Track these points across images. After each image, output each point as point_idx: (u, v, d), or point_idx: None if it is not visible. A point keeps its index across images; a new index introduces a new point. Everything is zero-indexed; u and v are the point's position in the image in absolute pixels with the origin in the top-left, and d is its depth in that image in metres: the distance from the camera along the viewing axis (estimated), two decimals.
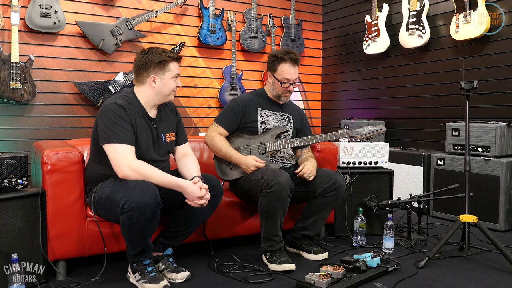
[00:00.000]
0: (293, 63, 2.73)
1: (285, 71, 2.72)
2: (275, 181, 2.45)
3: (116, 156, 2.18)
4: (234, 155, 2.68)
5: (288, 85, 2.75)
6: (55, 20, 3.88)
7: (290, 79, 2.73)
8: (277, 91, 2.80)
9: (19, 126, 3.90)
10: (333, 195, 2.69)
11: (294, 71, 2.74)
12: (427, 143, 4.37)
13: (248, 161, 2.63)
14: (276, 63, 2.74)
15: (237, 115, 2.76)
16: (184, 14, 4.64)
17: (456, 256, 2.78)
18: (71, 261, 2.45)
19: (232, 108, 2.78)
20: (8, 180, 2.15)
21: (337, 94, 5.41)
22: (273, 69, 2.76)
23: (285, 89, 2.76)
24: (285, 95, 2.81)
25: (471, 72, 3.95)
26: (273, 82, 2.79)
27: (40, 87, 3.94)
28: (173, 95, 2.41)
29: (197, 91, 4.78)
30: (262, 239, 2.57)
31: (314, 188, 2.70)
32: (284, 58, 2.72)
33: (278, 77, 2.74)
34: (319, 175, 2.72)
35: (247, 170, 2.64)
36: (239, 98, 2.84)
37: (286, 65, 2.72)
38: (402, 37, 4.36)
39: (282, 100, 2.84)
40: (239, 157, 2.67)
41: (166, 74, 2.32)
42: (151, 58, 2.31)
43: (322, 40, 5.61)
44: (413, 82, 4.49)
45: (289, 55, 2.72)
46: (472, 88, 2.71)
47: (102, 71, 4.22)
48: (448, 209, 3.68)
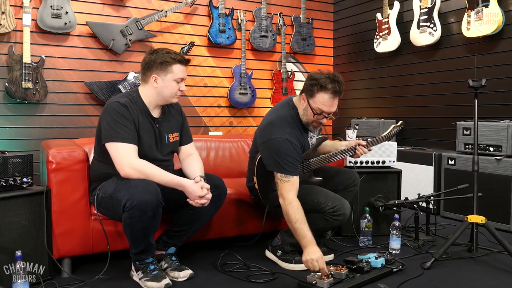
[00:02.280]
0: (334, 95, 2.39)
1: (323, 102, 2.38)
2: (343, 211, 2.49)
3: (118, 155, 2.20)
4: (307, 237, 2.26)
5: (322, 118, 2.45)
6: (66, 20, 3.93)
7: (325, 112, 2.42)
8: (307, 119, 2.48)
9: (31, 126, 3.97)
10: (353, 190, 2.79)
11: (332, 103, 2.40)
12: (439, 143, 4.30)
13: (317, 255, 2.21)
14: (315, 89, 2.39)
15: (300, 154, 2.49)
16: (194, 14, 4.66)
17: (464, 257, 2.73)
18: (77, 259, 2.48)
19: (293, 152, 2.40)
20: (13, 178, 2.18)
21: (348, 93, 5.37)
22: (310, 94, 2.41)
23: (317, 120, 2.46)
24: (315, 125, 2.51)
25: (483, 70, 3.88)
26: (306, 108, 2.46)
27: (52, 87, 4.00)
28: (176, 99, 2.39)
29: (207, 90, 4.79)
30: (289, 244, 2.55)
31: (337, 185, 2.74)
32: (325, 87, 2.36)
33: (313, 105, 2.41)
34: (341, 173, 2.81)
35: (307, 263, 2.24)
36: (290, 136, 2.41)
37: (326, 96, 2.38)
38: (413, 35, 4.30)
39: (310, 129, 2.55)
40: (312, 243, 2.26)
41: (168, 75, 2.31)
42: (155, 58, 2.32)
43: (333, 38, 5.57)
44: (424, 80, 4.43)
45: (333, 85, 2.36)
46: (480, 86, 2.66)
47: (112, 71, 4.27)
48: (459, 209, 3.61)
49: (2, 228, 2.11)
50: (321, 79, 2.37)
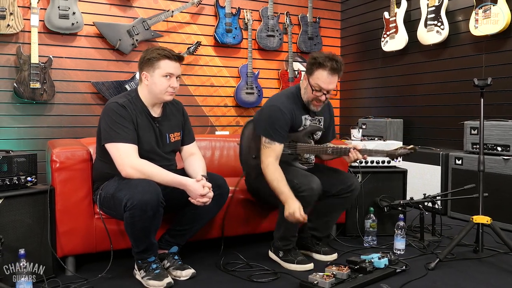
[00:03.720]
0: (332, 72, 2.46)
1: (321, 78, 2.47)
2: (308, 186, 2.40)
3: (119, 155, 2.21)
4: (285, 193, 2.39)
5: (321, 94, 2.51)
6: (73, 21, 3.97)
7: (324, 88, 2.49)
8: (308, 97, 2.57)
9: (39, 125, 4.01)
10: (347, 197, 2.64)
11: (330, 80, 2.47)
12: (446, 142, 4.26)
13: (294, 206, 2.34)
14: (314, 67, 2.49)
15: (287, 125, 2.54)
16: (200, 14, 4.67)
17: (470, 258, 2.70)
18: (80, 257, 2.50)
19: (280, 119, 2.51)
20: (17, 177, 2.21)
21: (356, 92, 5.34)
22: (310, 72, 2.52)
23: (316, 97, 2.53)
24: (315, 103, 2.57)
25: (492, 68, 3.83)
26: (307, 86, 2.55)
27: (59, 87, 4.04)
28: (168, 96, 2.34)
29: (213, 90, 4.80)
30: (278, 238, 2.53)
31: (330, 187, 2.62)
32: (323, 64, 2.45)
33: (312, 82, 2.50)
34: (335, 176, 2.69)
35: (288, 217, 2.36)
36: (282, 106, 2.53)
37: (324, 73, 2.46)
38: (421, 33, 4.27)
39: (311, 108, 2.60)
40: (288, 198, 2.37)
41: (156, 71, 2.30)
42: (144, 55, 2.35)
43: (341, 37, 5.54)
44: (432, 79, 4.39)
45: (331, 62, 2.45)
46: (486, 85, 2.63)
47: (119, 71, 4.29)
48: (466, 209, 3.57)
49: (6, 227, 2.13)
50: (319, 58, 2.48)
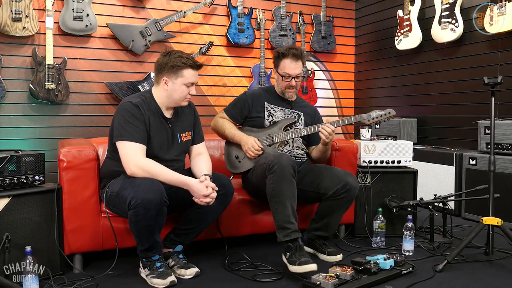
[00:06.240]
0: (294, 58, 2.75)
1: (286, 66, 2.76)
2: (276, 160, 2.46)
3: (125, 153, 2.25)
4: (237, 134, 2.79)
5: (290, 80, 2.78)
6: (87, 23, 4.04)
7: (291, 74, 2.76)
8: (280, 86, 2.85)
9: (53, 125, 4.09)
10: (344, 197, 2.61)
11: (295, 66, 2.76)
12: (461, 142, 4.18)
13: (249, 140, 2.73)
14: (279, 59, 2.80)
15: (243, 108, 2.87)
16: (212, 14, 4.69)
17: (480, 260, 2.65)
18: (88, 255, 2.54)
19: (240, 100, 2.91)
20: (26, 176, 2.26)
21: (370, 92, 5.29)
22: (276, 64, 2.83)
23: (287, 83, 2.79)
24: (288, 90, 2.84)
25: (508, 66, 3.74)
26: (277, 78, 2.86)
27: (74, 88, 4.12)
28: (186, 102, 2.43)
29: (226, 90, 4.82)
30: (277, 230, 2.50)
31: (325, 189, 2.62)
32: (285, 53, 2.76)
33: (280, 72, 2.80)
34: (330, 176, 2.65)
35: (247, 151, 2.72)
36: (248, 92, 2.96)
37: (287, 60, 2.75)
38: (435, 31, 4.19)
39: (286, 96, 2.87)
40: (241, 135, 2.77)
41: (178, 79, 2.34)
42: (167, 60, 2.34)
43: (355, 36, 5.49)
44: (446, 78, 4.31)
45: (291, 51, 2.75)
46: (496, 83, 2.57)
47: (132, 72, 4.35)
48: (480, 210, 3.49)
49: (14, 225, 2.19)
50: (280, 50, 2.79)
